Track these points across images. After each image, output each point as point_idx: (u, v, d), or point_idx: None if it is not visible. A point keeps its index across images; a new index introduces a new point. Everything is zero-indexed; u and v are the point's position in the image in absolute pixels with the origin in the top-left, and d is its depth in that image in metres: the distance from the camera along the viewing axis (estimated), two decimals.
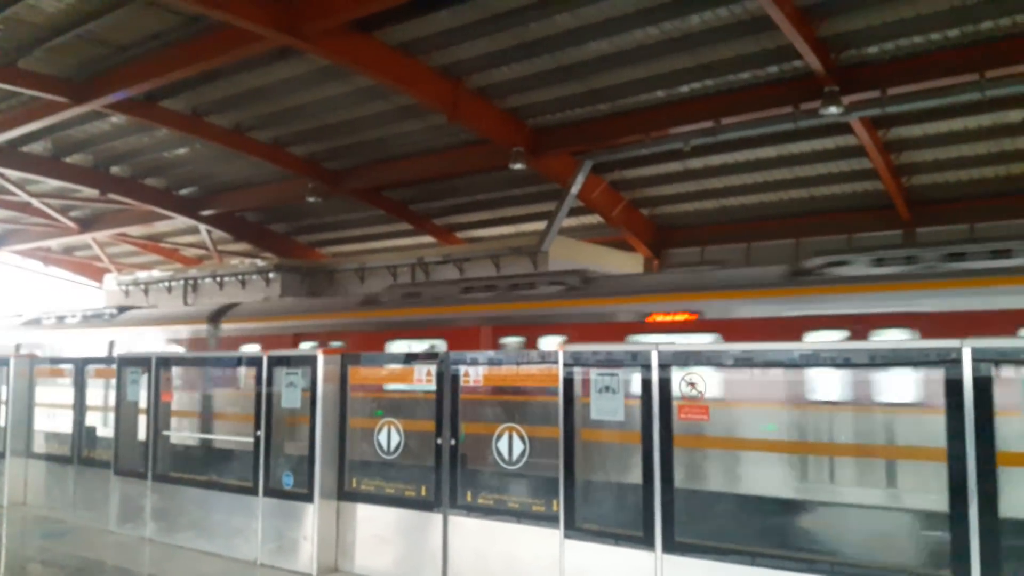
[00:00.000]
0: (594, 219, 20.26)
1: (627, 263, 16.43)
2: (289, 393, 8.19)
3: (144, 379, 9.74)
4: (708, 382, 6.08)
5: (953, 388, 4.96)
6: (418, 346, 11.95)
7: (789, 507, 6.36)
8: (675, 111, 15.06)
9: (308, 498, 7.91)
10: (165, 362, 9.89)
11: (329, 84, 15.79)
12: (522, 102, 15.90)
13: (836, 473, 7.48)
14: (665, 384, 6.02)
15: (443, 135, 17.51)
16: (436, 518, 7.36)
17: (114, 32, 14.08)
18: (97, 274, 30.74)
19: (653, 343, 6.16)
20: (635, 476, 6.18)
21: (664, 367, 6.03)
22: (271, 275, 17.45)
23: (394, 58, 14.18)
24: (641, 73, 14.15)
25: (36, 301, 32.30)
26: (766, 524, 6.14)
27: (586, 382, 6.56)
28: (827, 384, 6.92)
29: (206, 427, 10.47)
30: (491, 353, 7.98)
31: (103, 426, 10.62)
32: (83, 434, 10.81)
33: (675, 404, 5.99)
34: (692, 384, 5.89)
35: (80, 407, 10.90)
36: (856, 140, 15.18)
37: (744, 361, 6.13)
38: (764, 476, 6.87)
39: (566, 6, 12.35)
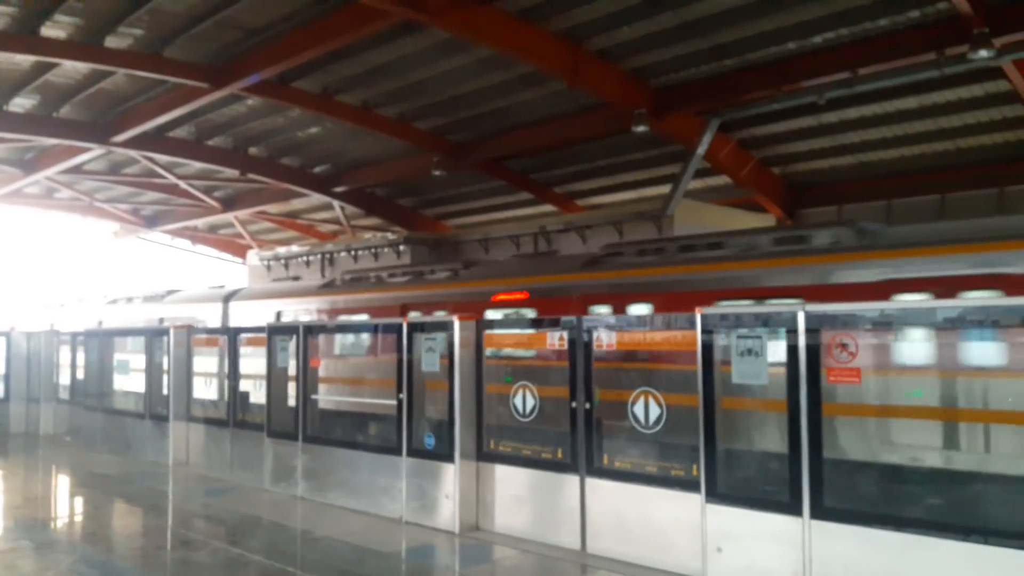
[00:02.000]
0: (722, 180, 19.69)
1: (757, 224, 15.89)
2: (428, 358, 8.45)
3: (292, 346, 10.28)
4: (859, 345, 5.83)
5: None
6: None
7: (938, 476, 6.06)
8: (807, 63, 14.33)
9: (449, 458, 8.17)
10: (311, 330, 10.40)
11: (451, 57, 15.97)
12: (644, 62, 15.55)
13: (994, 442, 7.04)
14: (813, 347, 5.82)
15: (564, 101, 17.40)
16: (573, 480, 7.44)
17: (247, 16, 14.70)
18: (240, 250, 32.57)
19: (799, 303, 5.95)
20: (778, 442, 6.04)
21: (812, 331, 5.82)
22: (401, 247, 17.96)
23: (514, 26, 14.17)
24: (769, 25, 13.54)
25: (187, 277, 34.62)
26: (914, 492, 5.89)
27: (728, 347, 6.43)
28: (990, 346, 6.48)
29: (351, 392, 10.96)
30: (625, 316, 7.94)
31: (255, 391, 11.30)
32: (237, 399, 11.55)
33: (823, 368, 5.78)
34: (843, 346, 5.66)
35: (234, 374, 11.64)
36: (1009, 85, 14.03)
37: (901, 321, 5.85)
38: (915, 444, 6.55)
39: None
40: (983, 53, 12.06)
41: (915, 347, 6.11)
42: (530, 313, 12.25)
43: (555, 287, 12.48)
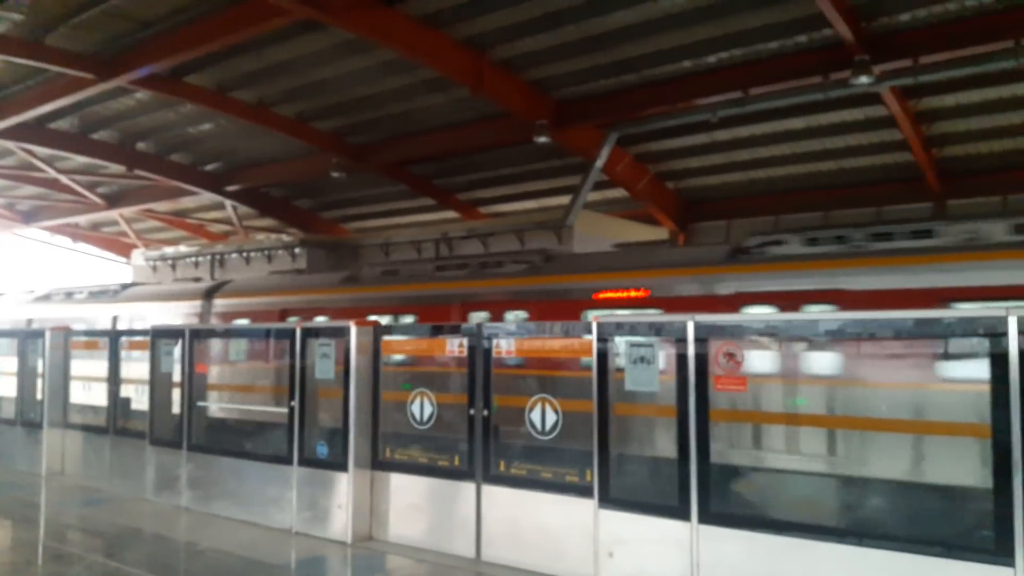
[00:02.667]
0: (619, 193, 20.15)
1: (652, 237, 16.34)
2: (323, 364, 8.26)
3: (177, 351, 9.86)
4: (745, 354, 6.05)
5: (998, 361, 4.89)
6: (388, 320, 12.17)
7: (820, 481, 6.36)
8: (702, 81, 14.88)
9: (342, 467, 8.01)
10: (198, 334, 10.00)
11: (353, 58, 15.76)
12: (546, 74, 15.78)
13: (876, 450, 7.44)
14: (701, 356, 6.01)
15: (467, 109, 17.44)
16: (469, 487, 7.42)
17: (138, 7, 14.11)
18: (125, 249, 31.09)
19: (689, 315, 6.14)
20: (668, 448, 6.19)
21: (700, 340, 6.01)
22: (297, 250, 17.55)
23: (418, 31, 14.11)
24: (668, 43, 13.99)
25: (62, 276, 32.76)
26: (797, 496, 6.16)
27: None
28: (870, 356, 6.86)
29: (240, 399, 10.60)
30: (524, 325, 7.99)
31: (137, 397, 10.78)
32: (118, 405, 10.99)
33: (711, 376, 5.98)
34: (730, 355, 5.87)
35: (115, 379, 11.07)
36: (886, 111, 14.94)
37: (790, 331, 6.10)
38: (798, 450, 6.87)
39: None
40: (863, 79, 12.82)
41: (798, 357, 6.40)
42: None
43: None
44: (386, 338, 8.10)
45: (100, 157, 21.90)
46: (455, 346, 7.51)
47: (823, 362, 6.67)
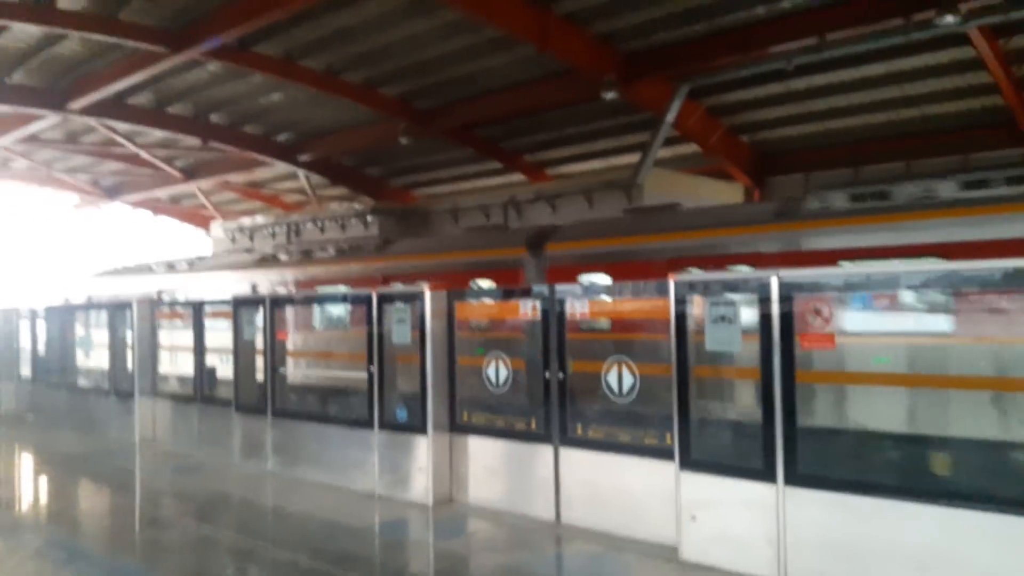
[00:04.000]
0: (691, 148, 19.61)
1: (726, 193, 15.90)
2: (399, 329, 8.32)
3: (259, 319, 10.08)
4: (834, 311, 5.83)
5: None
6: None
7: (911, 441, 6.11)
8: (776, 28, 14.21)
9: (422, 431, 8.10)
10: (277, 302, 10.20)
11: (416, 20, 15.60)
12: (613, 26, 15.32)
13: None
14: (786, 314, 5.80)
15: (532, 67, 17.13)
16: (547, 450, 7.42)
17: None
18: (204, 222, 31.93)
19: (773, 270, 5.92)
20: (752, 409, 6.04)
21: (785, 298, 5.80)
22: (369, 218, 17.70)
23: None
24: None
25: (146, 249, 33.97)
26: (886, 457, 5.94)
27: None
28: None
29: (321, 365, 10.81)
30: (597, 285, 7.89)
31: (223, 366, 11.09)
32: (204, 374, 11.34)
33: (796, 334, 5.77)
34: (818, 312, 5.65)
35: (200, 348, 11.41)
36: (974, 52, 14.07)
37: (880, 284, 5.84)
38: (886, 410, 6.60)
39: None
40: (949, 19, 12.05)
41: (889, 313, 6.13)
42: None
43: None
44: (460, 302, 8.09)
45: (176, 130, 22.37)
46: (528, 309, 7.45)
47: (919, 318, 6.37)
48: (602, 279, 9.93)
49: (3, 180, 30.87)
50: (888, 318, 6.36)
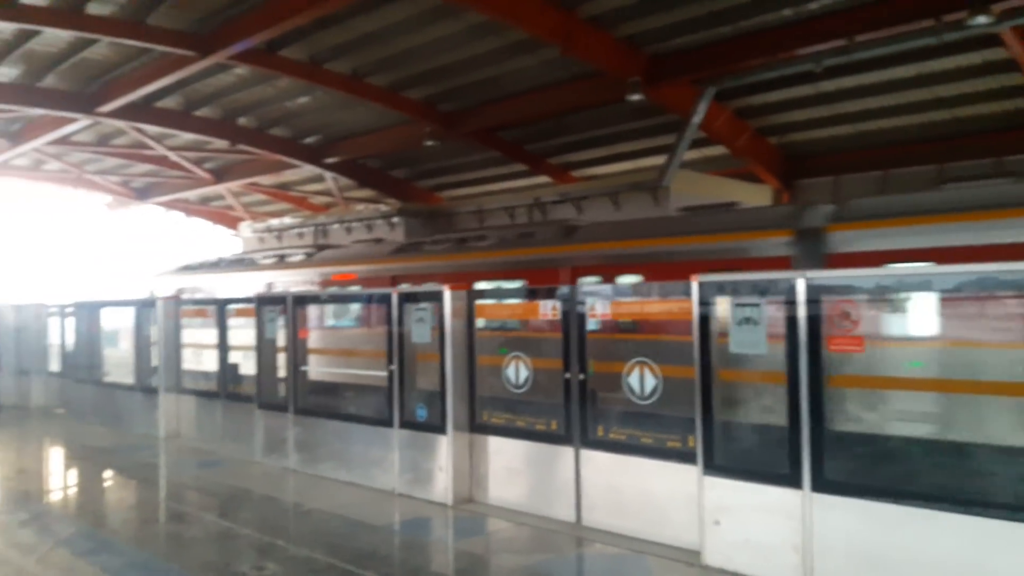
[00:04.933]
0: (718, 150, 19.47)
1: (755, 195, 15.73)
2: (419, 328, 8.31)
3: (281, 317, 10.12)
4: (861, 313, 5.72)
5: None
6: None
7: (940, 448, 5.97)
8: (804, 30, 14.06)
9: (442, 430, 8.07)
10: (301, 300, 10.24)
11: (441, 23, 15.65)
12: (638, 29, 15.26)
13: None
14: (814, 317, 5.69)
15: (556, 70, 17.11)
16: (568, 452, 7.35)
17: None
18: (233, 222, 32.23)
19: (800, 272, 5.82)
20: (778, 413, 5.93)
21: (813, 301, 5.69)
22: (395, 219, 17.76)
23: None
24: None
25: (180, 249, 34.35)
26: (916, 464, 5.81)
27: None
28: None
29: (342, 363, 10.83)
30: (619, 286, 7.81)
31: (245, 363, 11.15)
32: (227, 371, 11.41)
33: (823, 337, 5.66)
34: (846, 314, 5.54)
35: (224, 344, 11.48)
36: (1006, 53, 13.81)
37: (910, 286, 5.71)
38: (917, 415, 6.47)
39: None
40: (981, 19, 11.83)
41: (918, 317, 6.00)
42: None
43: None
44: (479, 302, 8.06)
45: (205, 133, 22.65)
46: (548, 309, 7.40)
47: (943, 322, 6.23)
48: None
49: (37, 181, 31.39)
50: (918, 321, 6.22)
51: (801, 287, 5.75)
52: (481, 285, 11.65)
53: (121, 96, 18.94)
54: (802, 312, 5.72)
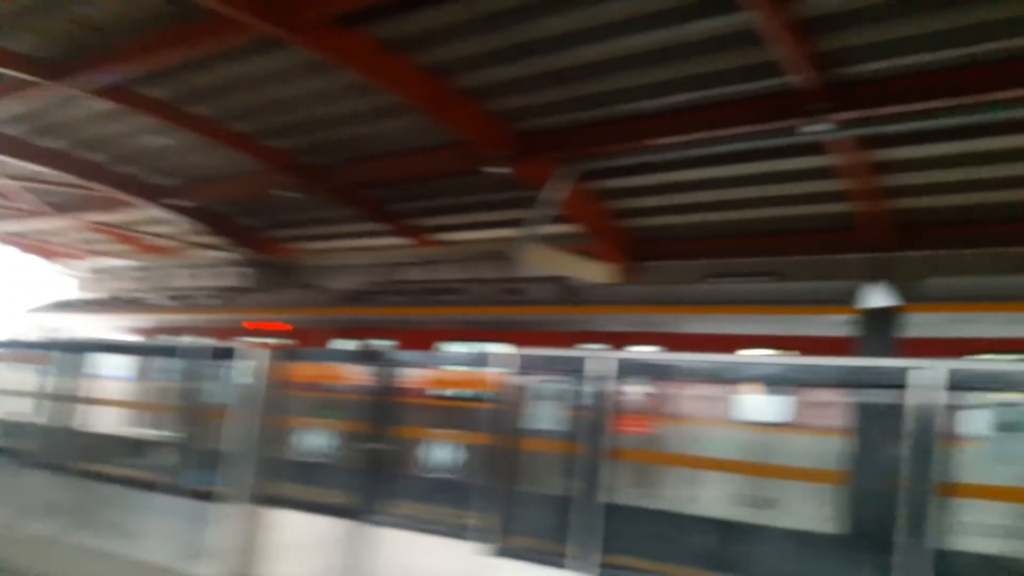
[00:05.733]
0: (572, 228, 19.78)
1: (599, 273, 16.00)
2: (207, 386, 7.67)
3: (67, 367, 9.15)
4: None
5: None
6: None
7: (717, 527, 5.93)
8: (661, 122, 14.68)
9: (221, 499, 7.36)
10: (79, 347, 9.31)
11: (311, 78, 15.44)
12: (508, 105, 15.53)
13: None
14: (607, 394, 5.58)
15: (424, 135, 17.12)
16: (358, 527, 6.86)
17: (94, 13, 13.69)
18: (73, 260, 30.11)
19: (612, 353, 5.74)
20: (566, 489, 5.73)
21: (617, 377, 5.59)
22: (241, 268, 17.03)
23: (380, 55, 13.83)
24: (629, 82, 13.81)
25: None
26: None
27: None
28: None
29: (117, 419, 9.93)
30: (431, 353, 7.55)
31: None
32: None
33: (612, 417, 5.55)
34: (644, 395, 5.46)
35: None
36: (838, 160, 14.79)
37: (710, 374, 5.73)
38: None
39: (557, 10, 12.06)
40: (819, 127, 12.68)
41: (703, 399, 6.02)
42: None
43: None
44: (276, 363, 7.55)
45: (47, 165, 21.27)
46: (352, 374, 7.02)
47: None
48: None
49: None
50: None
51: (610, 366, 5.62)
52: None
53: None
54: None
